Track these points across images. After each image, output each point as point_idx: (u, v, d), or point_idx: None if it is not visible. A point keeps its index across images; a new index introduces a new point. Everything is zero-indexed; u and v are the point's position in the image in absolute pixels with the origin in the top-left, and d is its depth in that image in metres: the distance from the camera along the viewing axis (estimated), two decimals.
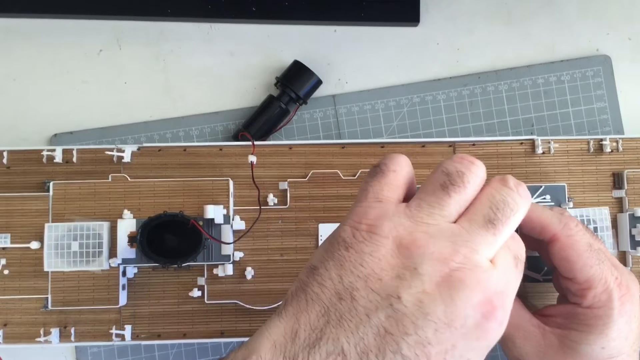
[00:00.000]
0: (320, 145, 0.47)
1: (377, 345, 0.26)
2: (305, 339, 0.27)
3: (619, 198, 0.47)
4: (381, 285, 0.28)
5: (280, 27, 0.53)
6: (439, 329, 0.27)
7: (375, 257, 0.28)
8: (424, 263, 0.28)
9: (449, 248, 0.28)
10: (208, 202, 0.45)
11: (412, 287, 0.27)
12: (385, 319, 0.27)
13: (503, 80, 0.52)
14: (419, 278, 0.28)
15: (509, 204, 0.30)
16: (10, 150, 0.46)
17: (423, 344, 0.27)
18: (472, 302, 0.27)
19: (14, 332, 0.45)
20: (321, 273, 0.29)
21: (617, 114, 0.52)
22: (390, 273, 0.28)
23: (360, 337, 0.27)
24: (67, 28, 0.53)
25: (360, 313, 0.27)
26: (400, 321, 0.27)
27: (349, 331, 0.27)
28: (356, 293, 0.28)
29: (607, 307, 0.35)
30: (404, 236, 0.29)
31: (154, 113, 0.52)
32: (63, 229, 0.44)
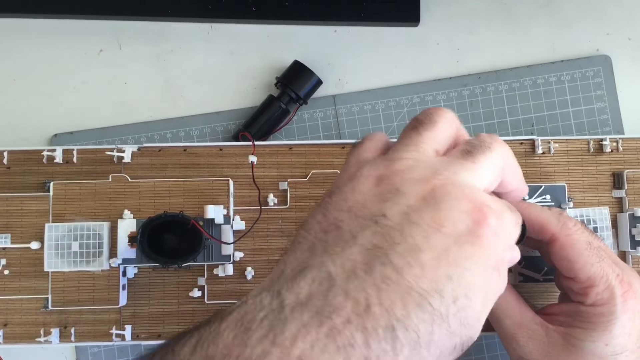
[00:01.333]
0: (321, 145, 0.47)
1: (365, 260, 0.25)
2: (290, 272, 0.26)
3: (619, 198, 0.47)
4: (365, 210, 0.27)
5: (280, 27, 0.53)
6: (428, 233, 0.26)
7: (357, 190, 0.28)
8: (406, 184, 0.27)
9: (430, 171, 0.28)
10: (208, 202, 0.45)
11: (396, 204, 0.26)
12: (371, 235, 0.26)
13: (503, 80, 0.52)
14: (403, 196, 0.27)
15: (485, 142, 0.30)
16: (11, 150, 0.46)
17: (413, 251, 0.25)
18: (460, 208, 0.26)
19: (14, 332, 0.45)
20: (308, 221, 0.28)
21: (617, 114, 0.52)
22: (374, 199, 0.27)
23: (346, 257, 0.25)
24: (67, 28, 0.53)
25: (346, 236, 0.26)
26: (387, 234, 0.26)
27: (335, 255, 0.25)
28: (341, 223, 0.27)
29: (610, 304, 0.35)
30: (383, 170, 0.28)
31: (154, 113, 0.52)
32: (63, 229, 0.44)
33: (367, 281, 0.24)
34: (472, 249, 0.26)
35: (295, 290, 0.25)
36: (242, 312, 0.24)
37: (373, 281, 0.24)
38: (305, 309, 0.24)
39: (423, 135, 0.30)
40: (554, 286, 0.45)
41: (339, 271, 0.25)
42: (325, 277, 0.25)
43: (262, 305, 0.24)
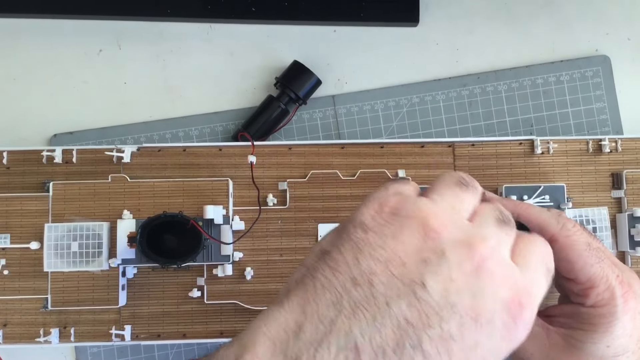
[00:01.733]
0: (320, 145, 0.47)
1: (396, 338, 0.23)
2: (311, 334, 0.23)
3: (618, 198, 0.47)
4: (404, 270, 0.24)
5: (280, 27, 0.53)
6: (465, 323, 0.24)
7: (399, 239, 0.25)
8: (453, 248, 0.25)
9: (478, 235, 0.26)
10: (207, 203, 0.45)
11: (438, 274, 0.24)
12: (407, 308, 0.24)
13: (502, 80, 0.52)
14: (447, 263, 0.25)
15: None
16: (10, 150, 0.46)
17: (446, 339, 0.24)
18: (501, 297, 0.25)
19: (13, 332, 0.45)
20: (334, 257, 0.25)
21: (616, 114, 0.52)
22: (415, 257, 0.25)
23: (377, 329, 0.23)
24: (67, 28, 0.53)
25: (379, 301, 0.24)
26: (424, 311, 0.24)
27: (364, 322, 0.23)
28: (375, 278, 0.24)
29: (611, 305, 0.35)
30: (430, 217, 0.26)
31: (153, 113, 0.52)
32: (63, 229, 0.44)
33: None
34: (501, 344, 0.25)
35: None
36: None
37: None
38: None
39: (467, 194, 0.29)
40: (552, 286, 0.45)
41: (367, 345, 0.23)
42: (352, 351, 0.23)
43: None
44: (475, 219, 0.28)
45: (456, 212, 0.27)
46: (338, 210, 0.46)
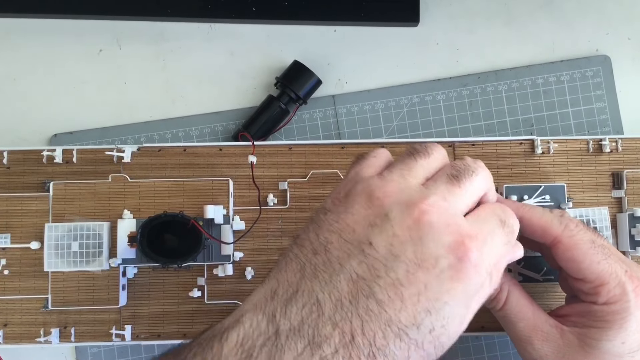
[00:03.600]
0: (320, 145, 0.47)
1: (350, 291, 0.27)
2: (282, 295, 0.28)
3: (619, 198, 0.47)
4: (354, 235, 0.29)
5: (280, 27, 0.53)
6: (410, 269, 0.28)
7: (349, 212, 0.30)
8: (394, 209, 0.29)
9: (418, 194, 0.30)
10: (208, 202, 0.45)
11: (382, 232, 0.28)
12: (357, 265, 0.28)
13: (503, 80, 0.52)
14: (389, 222, 0.29)
15: (469, 167, 0.33)
16: (10, 150, 0.46)
17: (395, 285, 0.27)
18: (443, 243, 0.28)
19: (14, 332, 0.45)
20: (301, 237, 0.31)
21: (617, 114, 0.52)
22: (363, 223, 0.29)
23: (333, 285, 0.28)
24: (67, 28, 0.53)
25: (334, 263, 0.28)
26: (372, 265, 0.28)
27: (322, 282, 0.28)
28: (330, 246, 0.29)
29: (623, 300, 0.35)
30: (375, 190, 0.30)
31: (153, 113, 0.52)
32: (63, 229, 0.44)
33: (352, 312, 0.27)
34: (451, 284, 0.28)
35: (288, 315, 0.27)
36: (242, 336, 0.27)
37: (357, 312, 0.27)
38: (298, 337, 0.26)
39: (418, 162, 0.33)
40: (553, 286, 0.45)
41: (327, 300, 0.27)
42: (315, 304, 0.27)
43: (259, 331, 0.27)
44: (428, 182, 0.32)
45: (404, 180, 0.31)
46: None
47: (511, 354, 0.49)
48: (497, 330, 0.44)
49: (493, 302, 0.39)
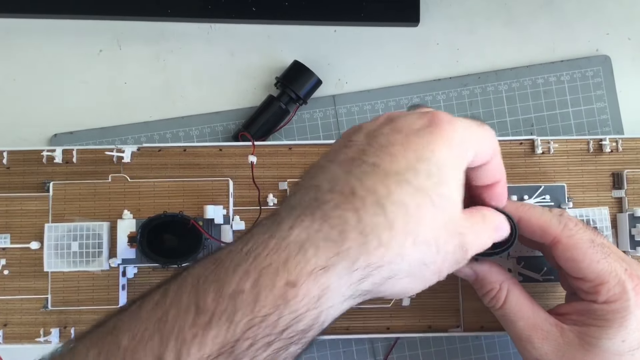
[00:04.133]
0: (320, 145, 0.47)
1: (343, 169, 0.29)
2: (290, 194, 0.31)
3: (619, 198, 0.47)
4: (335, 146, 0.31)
5: (280, 27, 0.53)
6: (390, 136, 0.29)
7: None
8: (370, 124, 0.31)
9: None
10: (208, 203, 0.45)
11: (357, 133, 0.31)
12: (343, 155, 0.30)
13: (503, 80, 0.52)
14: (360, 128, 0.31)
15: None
16: (10, 150, 0.46)
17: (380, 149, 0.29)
18: (414, 116, 0.31)
19: (13, 332, 0.45)
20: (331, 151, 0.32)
21: (617, 114, 0.52)
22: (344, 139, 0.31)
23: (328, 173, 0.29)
24: (67, 28, 0.53)
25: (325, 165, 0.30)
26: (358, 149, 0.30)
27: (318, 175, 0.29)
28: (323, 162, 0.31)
29: (623, 299, 0.35)
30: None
31: (154, 113, 0.52)
32: (63, 229, 0.44)
33: (348, 178, 0.28)
34: (431, 136, 0.29)
35: (285, 206, 0.29)
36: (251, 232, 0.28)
37: (354, 176, 0.28)
38: (297, 208, 0.28)
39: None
40: (553, 286, 0.45)
41: (322, 182, 0.29)
42: (312, 187, 0.29)
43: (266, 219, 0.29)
44: None
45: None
46: None
47: (511, 353, 0.49)
48: (497, 330, 0.44)
49: (493, 300, 0.39)
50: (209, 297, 0.26)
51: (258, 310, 0.25)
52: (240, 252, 0.27)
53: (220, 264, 0.27)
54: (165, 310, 0.26)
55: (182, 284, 0.27)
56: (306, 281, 0.26)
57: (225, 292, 0.26)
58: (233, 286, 0.26)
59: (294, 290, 0.26)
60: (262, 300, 0.25)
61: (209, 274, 0.26)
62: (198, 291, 0.26)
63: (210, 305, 0.25)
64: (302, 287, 0.26)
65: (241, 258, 0.27)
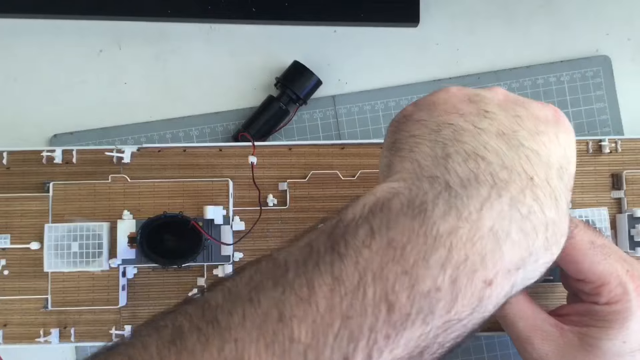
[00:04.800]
0: (320, 146, 0.47)
1: (502, 144, 0.26)
2: (432, 163, 0.26)
3: (618, 199, 0.47)
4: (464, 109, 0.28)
5: (280, 28, 0.53)
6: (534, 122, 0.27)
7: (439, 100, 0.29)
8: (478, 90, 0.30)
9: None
10: (208, 203, 0.45)
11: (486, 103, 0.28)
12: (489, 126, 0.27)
13: (502, 80, 0.52)
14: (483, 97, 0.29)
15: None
16: (10, 150, 0.46)
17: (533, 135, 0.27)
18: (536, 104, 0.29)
19: (13, 333, 0.45)
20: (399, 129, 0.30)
21: (617, 114, 0.52)
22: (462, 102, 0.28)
23: (483, 140, 0.26)
24: (67, 28, 0.53)
25: (468, 127, 0.27)
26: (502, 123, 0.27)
27: (470, 140, 0.26)
28: (450, 120, 0.27)
29: (624, 300, 0.35)
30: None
31: (154, 113, 0.52)
32: (63, 229, 0.44)
33: (514, 158, 0.25)
34: (567, 136, 0.28)
35: (452, 172, 0.25)
36: (405, 199, 0.24)
37: (519, 158, 0.25)
38: (478, 184, 0.24)
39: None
40: (553, 286, 0.45)
41: (487, 152, 0.25)
42: (478, 158, 0.25)
43: (424, 190, 0.24)
44: None
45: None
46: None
47: (511, 353, 0.49)
48: (496, 331, 0.44)
49: None
50: (402, 293, 0.22)
51: (455, 312, 0.23)
52: (423, 236, 0.23)
53: (402, 250, 0.23)
54: (350, 304, 0.22)
55: (361, 273, 0.23)
56: (501, 280, 0.24)
57: (420, 289, 0.22)
58: (429, 283, 0.22)
59: (489, 289, 0.23)
60: (460, 301, 0.23)
61: (390, 261, 0.23)
62: (386, 284, 0.22)
63: (405, 303, 0.22)
64: (496, 287, 0.24)
65: (430, 246, 0.23)
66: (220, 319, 0.23)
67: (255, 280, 0.24)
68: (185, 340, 0.22)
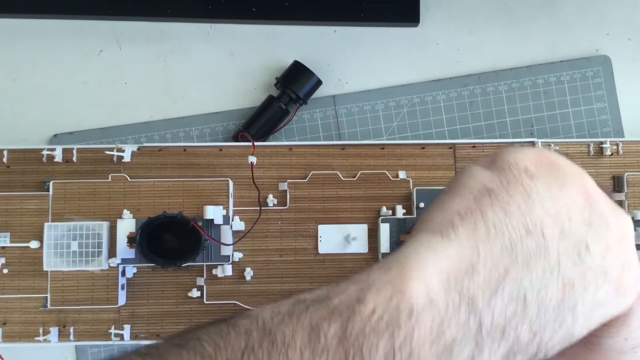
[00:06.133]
0: (320, 146, 0.47)
1: (559, 296, 0.23)
2: (485, 277, 0.22)
3: (619, 201, 0.47)
4: (570, 226, 0.24)
5: (280, 27, 0.53)
6: (610, 292, 0.24)
7: (564, 192, 0.24)
8: (611, 216, 0.25)
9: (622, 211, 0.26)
10: (208, 203, 0.45)
11: (600, 238, 0.24)
12: (572, 267, 0.23)
13: (503, 80, 0.52)
14: (607, 228, 0.24)
15: None
16: (11, 149, 0.46)
17: (595, 305, 0.24)
18: (636, 274, 0.25)
19: (13, 331, 0.45)
20: (503, 198, 0.24)
21: (617, 114, 0.52)
22: (579, 216, 0.24)
23: (545, 284, 0.22)
24: (67, 28, 0.53)
25: (551, 256, 0.23)
26: (585, 275, 0.23)
27: (534, 275, 0.22)
28: (547, 230, 0.23)
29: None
30: (588, 181, 0.25)
31: (154, 113, 0.52)
32: (62, 228, 0.44)
33: (550, 321, 0.23)
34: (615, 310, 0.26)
35: (492, 308, 0.22)
36: (438, 321, 0.21)
37: (553, 324, 0.23)
38: (500, 339, 0.22)
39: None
40: None
41: (534, 300, 0.22)
42: (521, 302, 0.22)
43: (459, 320, 0.21)
44: None
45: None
46: (338, 211, 0.46)
47: None
48: None
49: None
50: None
51: None
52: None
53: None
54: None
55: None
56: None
57: None
58: None
59: None
60: None
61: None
62: None
63: None
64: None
65: None
66: None
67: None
68: None
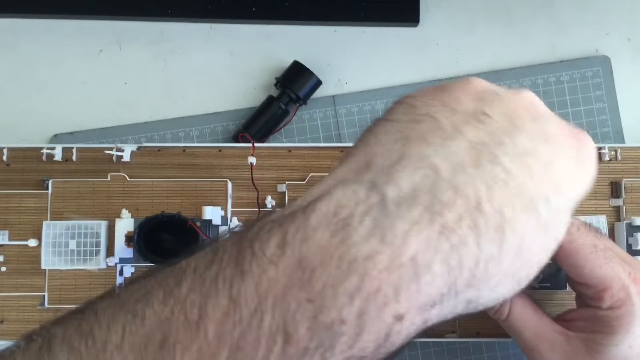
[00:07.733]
0: (320, 148, 0.47)
1: (471, 156, 0.22)
2: (381, 163, 0.23)
3: (617, 207, 0.46)
4: (463, 105, 0.24)
5: (280, 28, 0.53)
6: (535, 141, 0.24)
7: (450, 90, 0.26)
8: (503, 90, 0.26)
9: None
10: (206, 203, 0.45)
11: (496, 104, 0.24)
12: (474, 131, 0.23)
13: (503, 80, 0.52)
14: (500, 98, 0.25)
15: None
16: (10, 147, 0.46)
17: (521, 154, 0.23)
18: (560, 125, 0.25)
19: (10, 330, 0.45)
20: (391, 111, 0.25)
21: (616, 114, 0.52)
22: (469, 97, 0.25)
23: (449, 150, 0.22)
24: (67, 28, 0.53)
25: (445, 128, 0.23)
26: (491, 132, 0.23)
27: (434, 145, 0.23)
28: (436, 114, 0.24)
29: (627, 304, 0.34)
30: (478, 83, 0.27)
31: (154, 113, 0.52)
32: (61, 227, 0.44)
33: (476, 177, 0.22)
34: (578, 169, 0.25)
35: (395, 182, 0.22)
36: (334, 205, 0.21)
37: (482, 178, 0.22)
38: (412, 204, 0.21)
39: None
40: (552, 294, 0.45)
41: (444, 164, 0.22)
42: (429, 170, 0.22)
43: (357, 199, 0.21)
44: None
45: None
46: None
47: (511, 354, 0.49)
48: (493, 337, 0.44)
49: (497, 313, 0.38)
50: (303, 324, 0.20)
51: (358, 348, 0.20)
52: (338, 259, 0.20)
53: (312, 273, 0.20)
54: (243, 333, 0.20)
55: (262, 296, 0.20)
56: (413, 316, 0.21)
57: (323, 321, 0.20)
58: (333, 314, 0.20)
59: (399, 324, 0.21)
60: (366, 336, 0.20)
61: (296, 285, 0.20)
62: (287, 313, 0.20)
63: (303, 336, 0.20)
64: (407, 322, 0.21)
65: (342, 272, 0.20)
66: (97, 334, 0.20)
67: (147, 288, 0.21)
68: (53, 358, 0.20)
